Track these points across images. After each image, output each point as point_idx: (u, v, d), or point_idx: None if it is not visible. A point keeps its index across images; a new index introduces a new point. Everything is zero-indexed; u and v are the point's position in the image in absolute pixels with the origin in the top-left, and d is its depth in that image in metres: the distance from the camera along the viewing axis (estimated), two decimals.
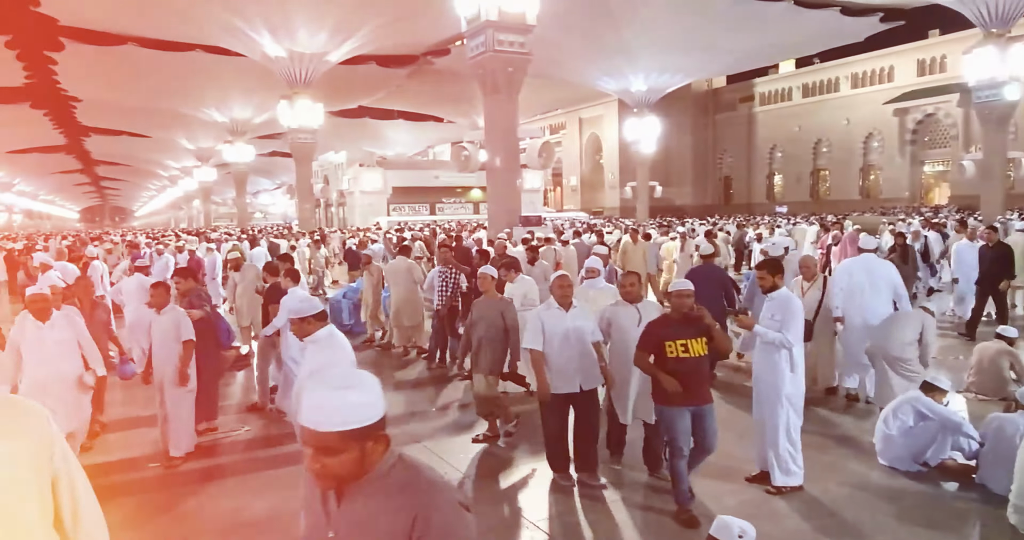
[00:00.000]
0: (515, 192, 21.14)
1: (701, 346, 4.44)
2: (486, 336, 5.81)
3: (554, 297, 5.01)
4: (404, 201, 43.97)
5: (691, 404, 4.42)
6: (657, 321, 4.68)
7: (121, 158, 63.93)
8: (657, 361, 4.48)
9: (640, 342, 4.61)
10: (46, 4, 24.63)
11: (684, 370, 4.38)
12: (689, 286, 4.59)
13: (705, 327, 4.47)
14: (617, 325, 5.09)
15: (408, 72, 34.50)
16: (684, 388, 4.34)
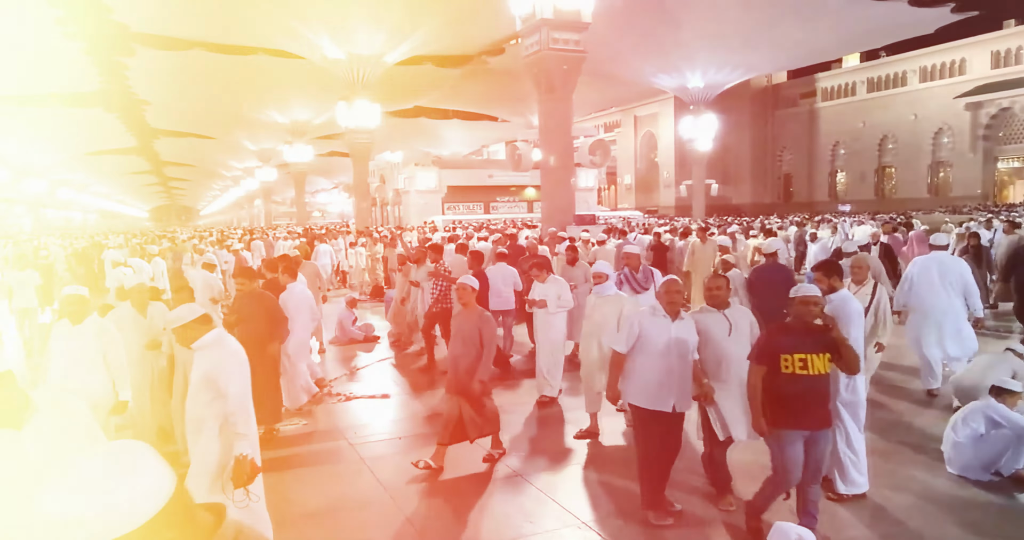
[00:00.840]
0: (569, 191, 21.07)
1: (823, 363, 3.94)
2: (463, 353, 5.41)
3: (660, 304, 4.50)
4: (459, 200, 44.28)
5: (805, 428, 3.97)
6: (775, 330, 4.19)
7: (188, 159, 66.23)
8: (767, 377, 4.01)
9: (755, 353, 4.15)
10: (119, 11, 25.65)
11: (798, 390, 3.92)
12: (816, 292, 4.11)
13: (831, 341, 3.98)
14: (705, 335, 4.57)
15: (463, 72, 34.71)
16: (800, 410, 3.92)
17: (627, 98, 51.54)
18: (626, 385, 4.52)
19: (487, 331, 5.42)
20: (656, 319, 4.46)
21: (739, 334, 4.55)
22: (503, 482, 5.30)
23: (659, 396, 4.39)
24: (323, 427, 6.87)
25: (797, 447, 3.96)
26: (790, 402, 3.92)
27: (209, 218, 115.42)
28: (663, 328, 4.42)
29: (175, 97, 37.66)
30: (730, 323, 4.57)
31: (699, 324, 4.57)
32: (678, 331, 4.41)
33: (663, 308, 4.47)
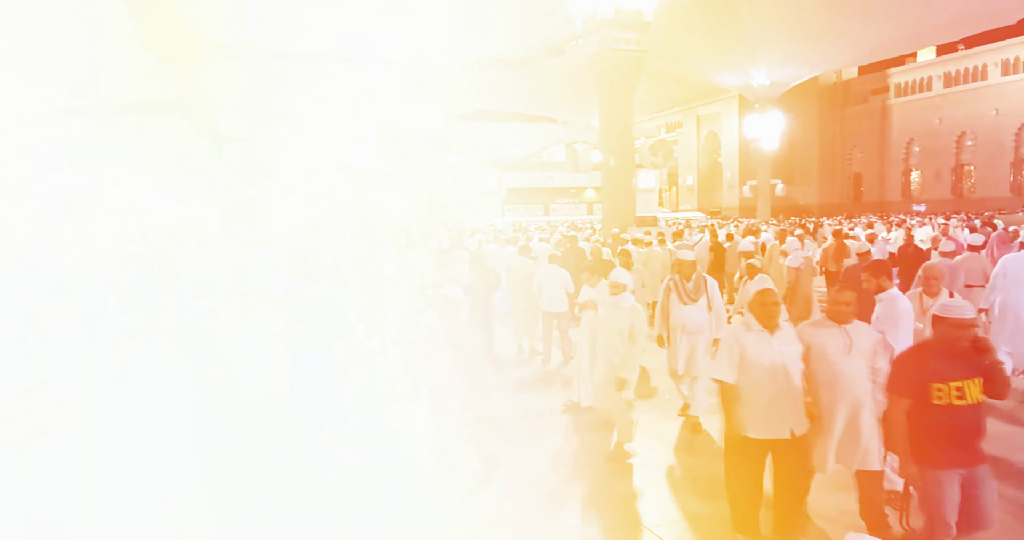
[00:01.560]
0: (630, 192, 20.88)
1: (978, 389, 3.48)
2: None
3: (754, 316, 4.01)
4: (518, 202, 44.41)
5: (963, 466, 3.50)
6: (915, 353, 3.69)
7: (257, 163, 68.35)
8: (915, 409, 3.53)
9: (896, 383, 3.64)
10: (193, 23, 26.68)
11: (955, 422, 3.47)
12: (971, 314, 3.52)
13: (985, 365, 3.49)
14: (817, 351, 4.01)
15: (523, 74, 34.80)
16: (956, 445, 3.48)
17: (689, 97, 50.80)
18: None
19: None
20: (753, 335, 3.99)
21: (859, 352, 3.98)
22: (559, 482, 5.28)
23: (773, 422, 3.89)
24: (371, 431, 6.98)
25: (954, 489, 3.49)
26: (945, 437, 3.46)
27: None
28: (764, 343, 3.95)
29: (244, 104, 38.97)
30: (849, 339, 3.99)
31: (811, 338, 4.05)
32: (781, 345, 3.96)
33: (757, 321, 4.00)
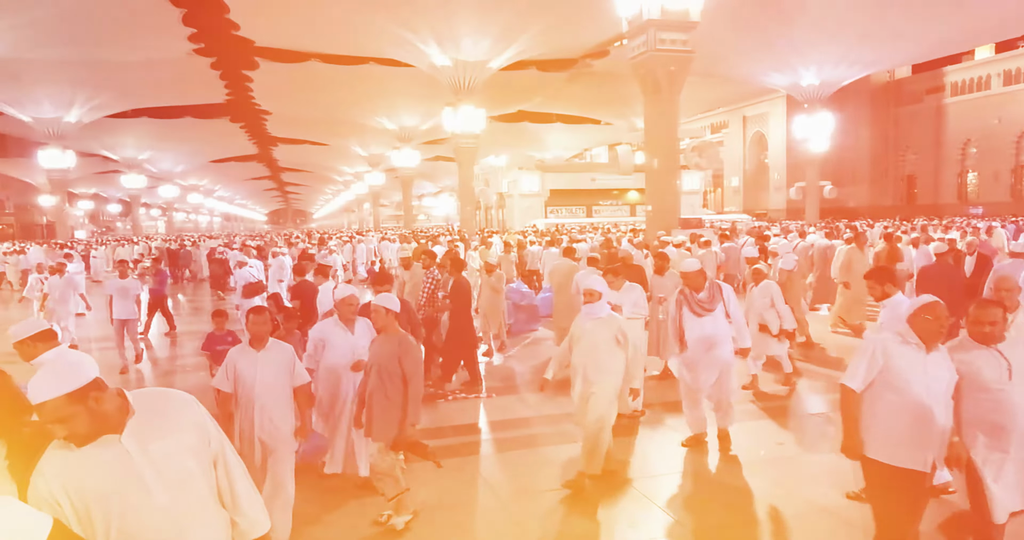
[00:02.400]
0: (674, 194, 20.65)
1: None
2: (378, 388, 4.49)
3: (914, 329, 3.51)
4: (561, 203, 44.29)
5: None
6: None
7: (303, 165, 69.75)
8: None
9: None
10: (245, 28, 27.34)
11: None
12: None
13: None
14: (971, 379, 3.53)
15: (567, 75, 34.76)
16: None
17: (736, 98, 50.00)
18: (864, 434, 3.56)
19: (409, 362, 4.53)
20: (906, 349, 3.50)
21: (1022, 378, 3.49)
22: (607, 487, 5.25)
23: (912, 450, 3.44)
24: (431, 425, 7.02)
25: None
26: None
27: (321, 221, 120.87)
28: (916, 361, 3.46)
29: (293, 107, 39.76)
30: (1007, 363, 3.50)
31: (962, 365, 3.54)
32: (935, 366, 3.47)
33: (917, 336, 3.50)
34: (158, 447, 2.20)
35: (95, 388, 2.10)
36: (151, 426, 2.23)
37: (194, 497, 2.27)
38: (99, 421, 2.11)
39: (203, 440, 2.35)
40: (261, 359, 4.38)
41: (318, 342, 5.27)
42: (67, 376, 2.06)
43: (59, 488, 2.09)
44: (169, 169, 59.46)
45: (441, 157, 52.56)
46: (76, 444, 2.11)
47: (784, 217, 44.80)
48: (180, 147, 52.89)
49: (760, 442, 6.18)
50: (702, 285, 6.04)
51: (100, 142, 46.58)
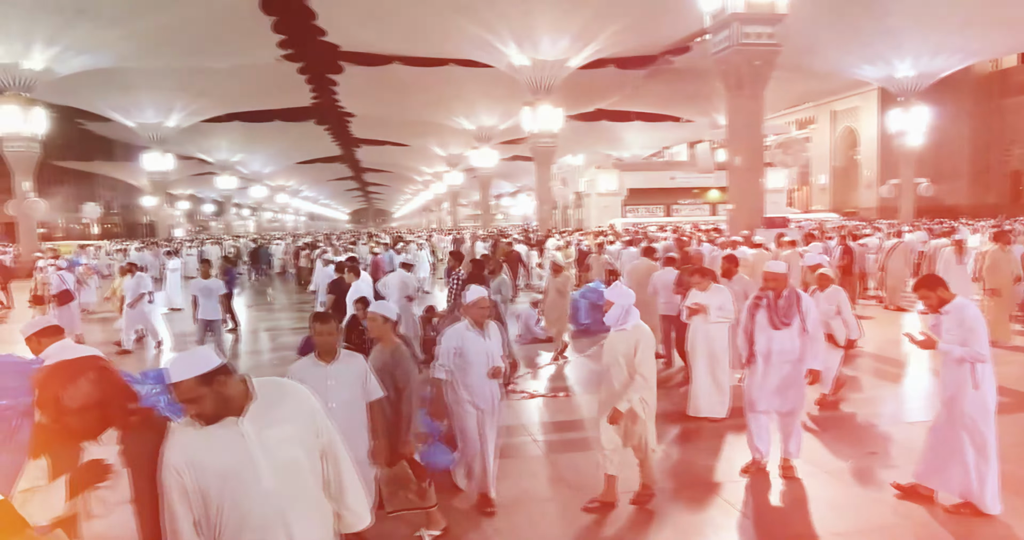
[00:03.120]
0: (758, 192, 20.04)
1: None
2: (376, 401, 4.13)
3: None
4: (639, 202, 43.74)
5: None
6: None
7: (384, 165, 71.44)
8: None
9: None
10: (331, 34, 28.23)
11: None
12: None
13: None
14: None
15: (646, 73, 34.28)
16: None
17: (824, 92, 48.05)
18: None
19: (400, 374, 4.32)
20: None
21: None
22: (691, 490, 5.16)
23: None
24: (508, 423, 7.08)
25: None
26: None
27: (401, 220, 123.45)
28: None
29: (375, 109, 40.77)
30: None
31: None
32: None
33: None
34: (271, 434, 2.35)
35: (222, 372, 2.29)
36: (268, 413, 2.38)
37: (299, 486, 2.38)
38: (223, 403, 2.30)
39: (313, 431, 2.46)
40: (332, 373, 3.88)
41: (453, 348, 4.80)
42: (199, 361, 2.27)
43: (182, 461, 2.29)
44: (259, 170, 62.02)
45: (519, 157, 52.71)
46: (202, 423, 2.30)
47: (875, 216, 42.76)
48: (269, 149, 55.09)
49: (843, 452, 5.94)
50: (783, 291, 5.39)
51: (196, 145, 49.05)
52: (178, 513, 2.29)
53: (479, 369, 4.75)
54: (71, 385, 2.35)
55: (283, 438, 2.37)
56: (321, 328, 3.92)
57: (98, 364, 2.49)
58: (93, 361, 2.51)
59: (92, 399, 2.34)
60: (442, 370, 4.80)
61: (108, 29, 24.39)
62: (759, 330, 5.39)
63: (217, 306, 10.33)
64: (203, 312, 10.23)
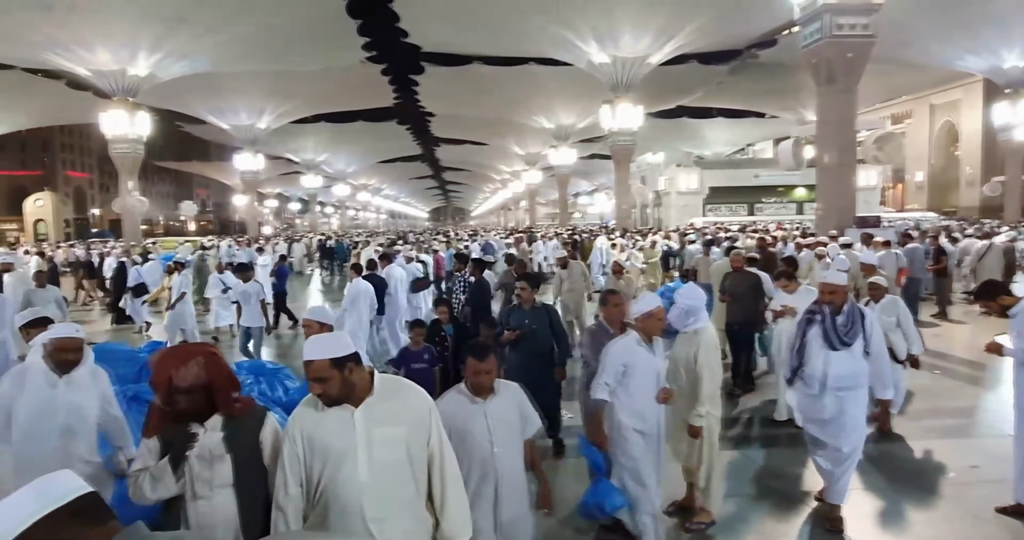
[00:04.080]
0: (849, 190, 19.22)
1: None
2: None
3: None
4: (721, 201, 42.70)
5: None
6: None
7: (463, 164, 72.29)
8: None
9: None
10: (413, 35, 28.74)
11: None
12: None
13: None
14: None
15: (730, 68, 33.37)
16: None
17: (921, 84, 45.55)
18: None
19: None
20: None
21: None
22: (776, 498, 4.98)
23: None
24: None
25: None
26: None
27: (479, 219, 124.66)
28: None
29: (455, 108, 41.27)
30: None
31: None
32: None
33: None
34: (379, 432, 2.42)
35: (354, 360, 2.40)
36: (381, 411, 2.45)
37: (396, 486, 2.43)
38: (347, 389, 2.40)
39: (424, 437, 2.51)
40: (492, 411, 3.15)
41: (622, 367, 4.16)
42: (335, 345, 2.40)
43: (299, 431, 2.45)
44: (342, 169, 63.82)
45: (597, 155, 52.33)
46: (324, 404, 2.43)
47: (977, 215, 40.26)
48: (352, 149, 56.61)
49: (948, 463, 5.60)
50: (842, 305, 4.57)
51: (285, 146, 50.90)
52: (287, 472, 2.46)
53: (648, 390, 4.20)
54: (183, 366, 2.52)
55: (390, 438, 2.43)
56: (479, 366, 3.12)
57: (207, 350, 2.66)
58: (203, 347, 2.70)
59: (200, 381, 2.49)
60: (606, 390, 4.16)
61: (205, 36, 25.59)
62: (812, 350, 4.60)
63: (258, 311, 9.51)
64: (245, 318, 9.54)
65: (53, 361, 3.49)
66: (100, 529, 1.39)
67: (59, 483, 1.41)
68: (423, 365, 5.82)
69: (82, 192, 76.45)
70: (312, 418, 2.45)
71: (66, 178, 74.28)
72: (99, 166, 77.09)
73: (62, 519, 1.35)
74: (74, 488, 1.41)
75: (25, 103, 36.41)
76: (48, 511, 1.34)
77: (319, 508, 2.43)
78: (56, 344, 3.48)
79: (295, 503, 2.44)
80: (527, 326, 5.85)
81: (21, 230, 60.05)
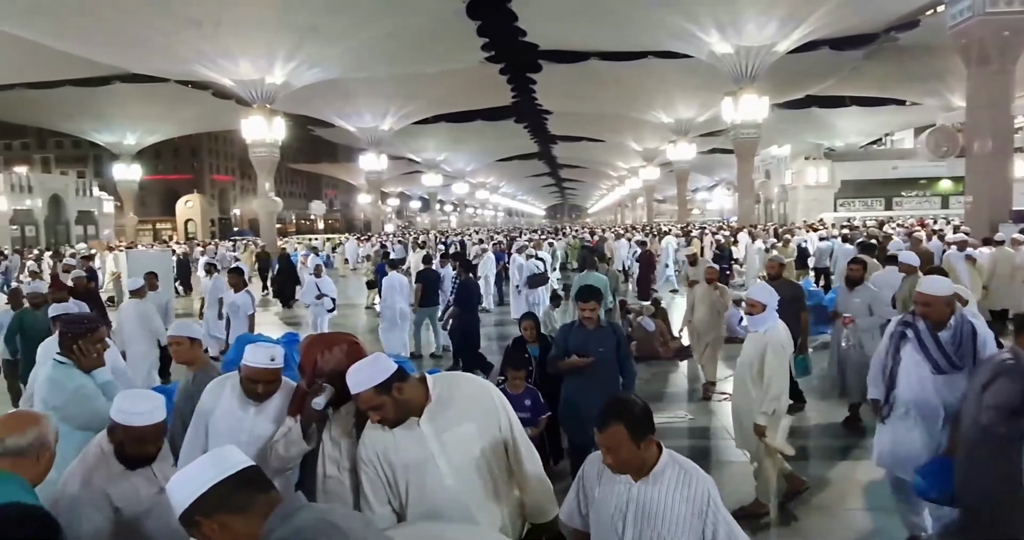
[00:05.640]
0: (1004, 181, 17.54)
1: None
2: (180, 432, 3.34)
3: None
4: (854, 195, 40.20)
5: None
6: None
7: (579, 161, 72.11)
8: None
9: None
10: (531, 34, 28.94)
11: None
12: None
13: None
14: None
15: (866, 53, 31.32)
16: None
17: None
18: None
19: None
20: None
21: None
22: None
23: None
24: (703, 424, 6.86)
25: None
26: None
27: (595, 216, 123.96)
28: None
29: (572, 105, 41.21)
30: None
31: None
32: None
33: None
34: (450, 435, 2.43)
35: (397, 379, 2.38)
36: (445, 413, 2.46)
37: (480, 482, 2.46)
38: (403, 408, 2.39)
39: (493, 426, 2.52)
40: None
41: None
42: (372, 372, 2.37)
43: (373, 455, 2.45)
44: (461, 168, 65.33)
45: (718, 149, 50.69)
46: (387, 426, 2.42)
47: None
48: (471, 148, 57.80)
49: None
50: (946, 319, 3.77)
51: (406, 146, 52.71)
52: (370, 496, 2.48)
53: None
54: (327, 352, 2.67)
55: (463, 437, 2.44)
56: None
57: (350, 339, 2.81)
58: (346, 336, 2.84)
59: (342, 366, 2.58)
60: None
61: (334, 44, 26.90)
62: (906, 370, 3.88)
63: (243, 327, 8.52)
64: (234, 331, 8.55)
65: (242, 388, 2.99)
66: (264, 496, 1.67)
67: (230, 456, 1.73)
68: (523, 415, 4.31)
69: (225, 193, 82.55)
70: (382, 440, 2.44)
71: (212, 181, 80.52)
72: (240, 169, 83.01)
73: (234, 485, 1.65)
74: (241, 460, 1.72)
75: (178, 113, 39.94)
76: (223, 477, 1.64)
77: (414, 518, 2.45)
78: (245, 372, 2.95)
79: (384, 522, 2.43)
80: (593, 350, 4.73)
81: (174, 229, 65.72)
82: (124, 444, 2.49)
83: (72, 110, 38.58)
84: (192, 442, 3.05)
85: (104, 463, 2.50)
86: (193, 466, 1.70)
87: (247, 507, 1.63)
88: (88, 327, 3.57)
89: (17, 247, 35.14)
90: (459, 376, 2.70)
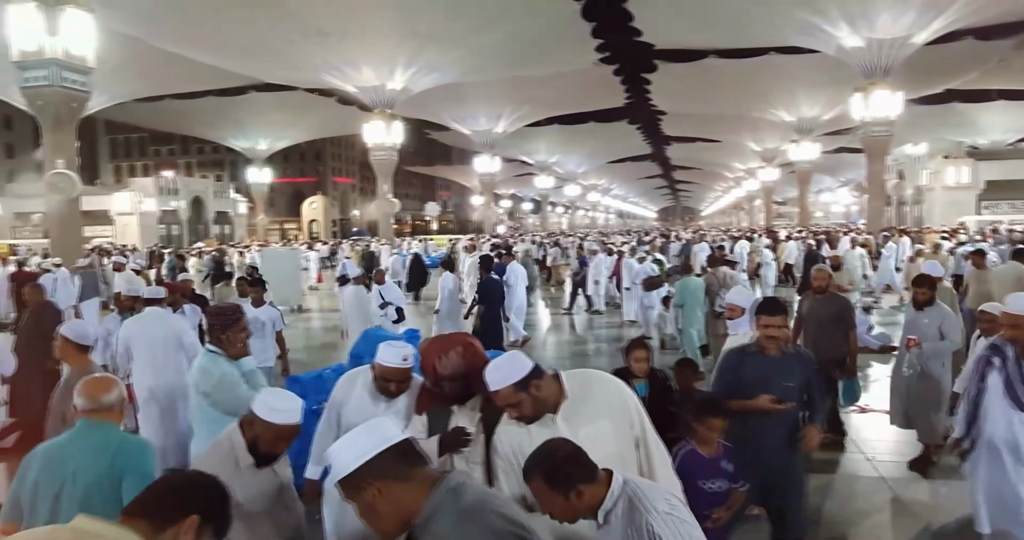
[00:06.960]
0: None
1: None
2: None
3: None
4: (1001, 197, 37.01)
5: None
6: None
7: (693, 163, 70.35)
8: None
9: None
10: (646, 33, 28.53)
11: None
12: None
13: None
14: None
15: (1016, 42, 28.77)
16: None
17: None
18: None
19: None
20: None
21: None
22: None
23: None
24: None
25: None
26: None
27: (708, 219, 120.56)
28: None
29: (687, 105, 40.30)
30: None
31: None
32: None
33: None
34: (585, 432, 2.43)
35: (534, 377, 2.42)
36: (580, 410, 2.48)
37: None
38: (539, 405, 2.43)
39: (626, 423, 2.53)
40: None
41: None
42: (511, 370, 2.42)
43: (509, 450, 2.50)
44: (573, 170, 65.31)
45: (844, 149, 48.03)
46: (524, 423, 2.47)
47: None
48: (583, 149, 57.69)
49: None
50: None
51: (519, 148, 53.28)
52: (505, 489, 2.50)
53: None
54: (444, 356, 2.78)
55: (598, 434, 2.44)
56: None
57: (466, 341, 2.92)
58: (463, 338, 2.95)
59: (460, 369, 2.68)
60: None
61: (451, 50, 27.61)
62: (992, 403, 3.42)
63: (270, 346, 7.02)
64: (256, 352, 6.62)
65: (376, 386, 3.14)
66: (420, 469, 1.79)
67: (388, 428, 1.85)
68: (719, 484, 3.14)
69: (346, 195, 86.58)
70: (519, 435, 2.47)
71: (334, 183, 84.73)
72: (360, 172, 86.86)
73: (393, 456, 1.75)
74: (398, 433, 1.83)
75: (304, 119, 42.37)
76: (383, 448, 1.75)
77: None
78: (379, 371, 3.10)
79: None
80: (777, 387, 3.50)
81: (299, 229, 69.63)
82: (259, 439, 2.56)
83: (212, 118, 41.76)
84: (324, 431, 3.32)
85: (232, 457, 2.58)
86: (355, 434, 1.81)
87: (407, 477, 1.75)
88: (233, 318, 3.85)
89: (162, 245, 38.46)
90: (592, 374, 2.71)
